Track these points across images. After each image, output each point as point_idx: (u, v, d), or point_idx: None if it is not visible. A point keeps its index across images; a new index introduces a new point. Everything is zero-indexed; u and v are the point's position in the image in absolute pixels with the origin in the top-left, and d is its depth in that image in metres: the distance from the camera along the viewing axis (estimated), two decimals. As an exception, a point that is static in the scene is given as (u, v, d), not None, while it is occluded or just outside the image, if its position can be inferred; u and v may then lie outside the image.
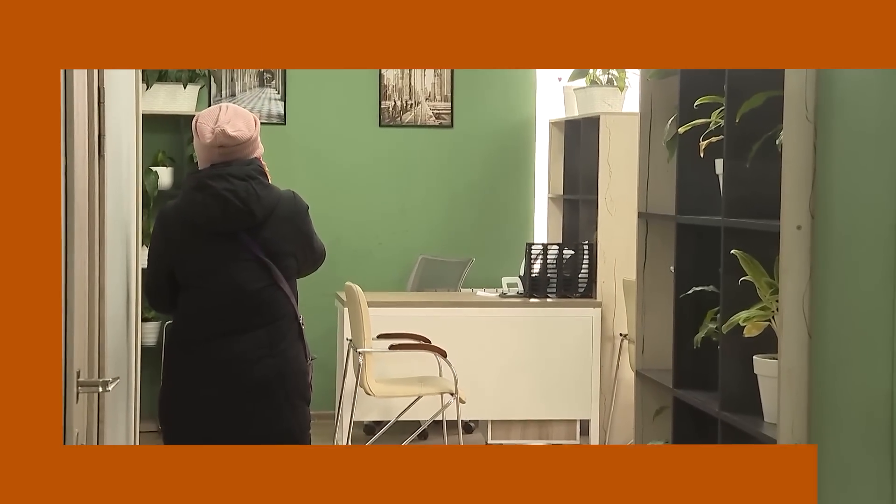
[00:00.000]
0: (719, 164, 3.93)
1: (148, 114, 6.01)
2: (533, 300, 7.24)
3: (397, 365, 6.80)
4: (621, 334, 7.13)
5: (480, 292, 7.57)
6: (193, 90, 7.58)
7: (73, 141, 2.62)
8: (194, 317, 4.02)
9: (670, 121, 4.34)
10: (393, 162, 8.04)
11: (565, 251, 7.30)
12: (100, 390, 2.81)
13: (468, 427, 7.51)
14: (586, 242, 7.33)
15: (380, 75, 7.95)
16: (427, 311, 7.08)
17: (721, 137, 3.89)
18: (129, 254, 4.21)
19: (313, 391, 4.16)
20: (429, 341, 6.64)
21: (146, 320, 6.88)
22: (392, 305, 7.06)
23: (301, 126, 7.93)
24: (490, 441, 7.25)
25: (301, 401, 4.07)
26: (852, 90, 3.10)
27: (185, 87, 7.51)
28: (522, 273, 7.39)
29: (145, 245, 4.25)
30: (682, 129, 4.18)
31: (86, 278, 2.89)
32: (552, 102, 8.05)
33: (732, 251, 3.69)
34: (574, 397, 7.17)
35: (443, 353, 6.54)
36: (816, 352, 3.29)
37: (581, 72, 7.44)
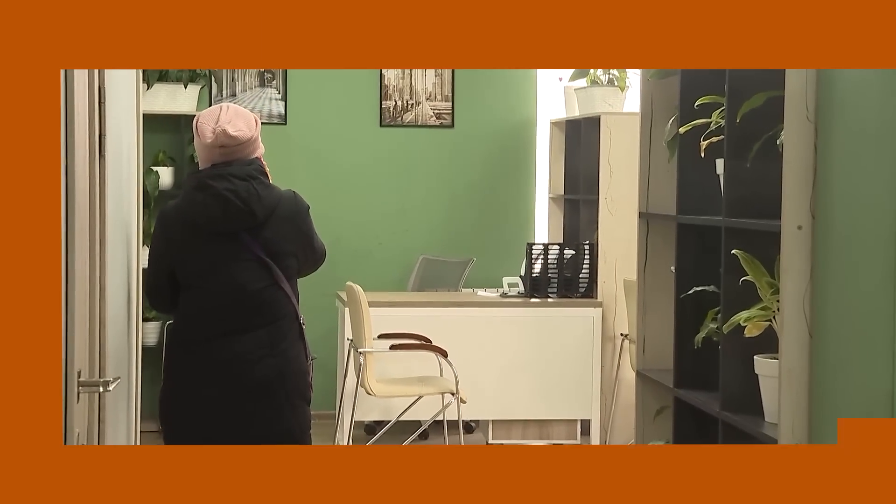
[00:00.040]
0: (720, 164, 3.94)
1: (148, 114, 6.02)
2: (534, 300, 7.24)
3: (398, 365, 6.80)
4: (622, 334, 7.12)
5: (481, 292, 7.57)
6: (194, 90, 7.58)
7: (73, 141, 2.62)
8: (195, 317, 4.02)
9: (671, 121, 4.34)
10: (393, 162, 8.04)
11: (566, 251, 7.30)
12: (100, 390, 2.81)
13: (469, 427, 7.51)
14: (587, 242, 7.33)
15: (380, 75, 7.95)
16: (428, 311, 7.08)
17: (722, 137, 3.89)
18: (129, 254, 4.21)
19: (313, 391, 4.16)
20: (429, 341, 6.64)
21: (147, 320, 6.88)
22: (393, 305, 7.06)
23: (302, 126, 7.92)
24: (491, 441, 7.25)
25: (301, 401, 4.07)
26: (853, 90, 3.10)
27: (185, 87, 7.50)
28: (523, 273, 7.39)
29: (146, 245, 4.25)
30: (682, 129, 4.18)
31: (86, 278, 2.89)
32: (553, 102, 8.04)
33: (733, 251, 3.69)
34: (575, 397, 7.17)
35: (443, 353, 6.53)
36: (817, 352, 3.29)
37: (582, 72, 7.43)
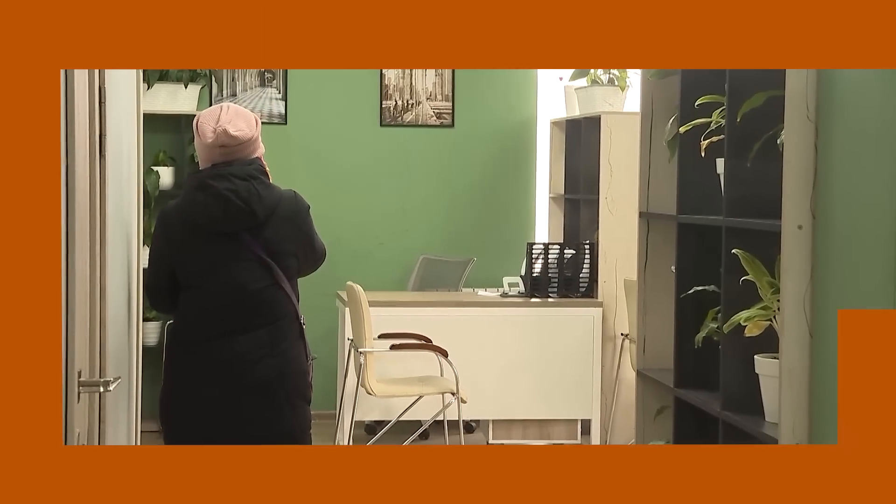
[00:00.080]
0: (720, 164, 3.93)
1: (149, 113, 6.02)
2: (534, 300, 7.24)
3: (398, 365, 6.80)
4: (622, 334, 7.12)
5: (481, 292, 7.56)
6: (194, 90, 7.58)
7: (74, 141, 2.62)
8: (195, 316, 4.02)
9: (671, 120, 4.34)
10: (394, 162, 8.04)
11: (566, 251, 7.30)
12: (101, 390, 2.81)
13: (469, 427, 7.51)
14: (587, 242, 7.33)
15: (381, 75, 7.95)
16: (428, 310, 7.08)
17: (722, 137, 3.89)
18: (130, 254, 4.21)
19: (314, 391, 4.17)
20: (430, 341, 6.64)
21: (147, 320, 6.88)
22: (393, 305, 7.06)
23: (302, 126, 7.92)
24: (491, 441, 7.24)
25: (302, 401, 4.07)
26: (853, 90, 3.10)
27: (185, 87, 7.50)
28: (524, 273, 7.39)
29: (146, 245, 4.25)
30: (683, 129, 4.18)
31: (87, 278, 2.89)
32: (553, 102, 8.04)
33: (733, 251, 3.69)
34: (575, 397, 7.17)
35: (444, 353, 6.53)
36: (817, 352, 3.29)
37: (582, 71, 7.43)
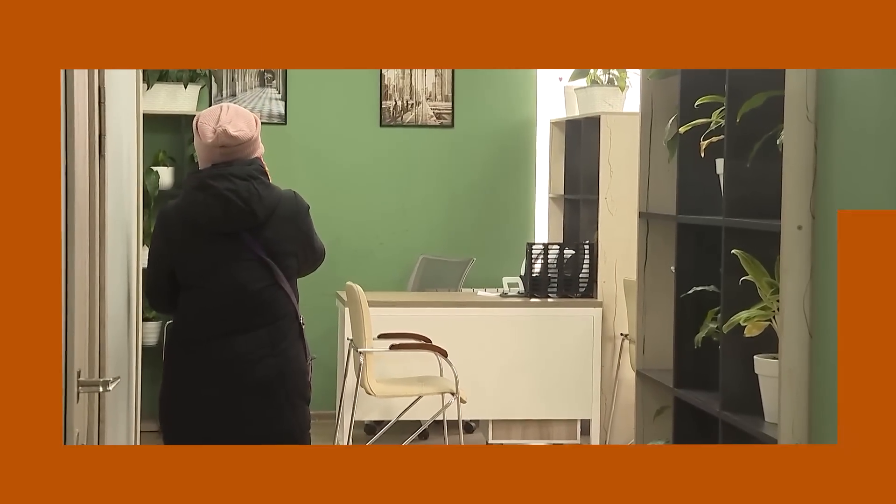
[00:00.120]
0: (720, 164, 3.93)
1: (149, 113, 6.02)
2: (534, 300, 7.24)
3: (398, 365, 6.80)
4: (622, 334, 7.12)
5: (481, 292, 7.56)
6: (194, 90, 7.58)
7: (73, 141, 2.62)
8: (195, 316, 4.02)
9: (671, 120, 4.34)
10: (393, 162, 8.03)
11: (566, 251, 7.30)
12: (100, 390, 2.81)
13: (469, 427, 7.50)
14: (587, 242, 7.33)
15: (380, 75, 7.95)
16: (428, 310, 7.08)
17: (722, 137, 3.89)
18: (129, 254, 4.21)
19: (313, 391, 4.17)
20: (429, 341, 6.64)
21: (147, 320, 6.88)
22: (393, 305, 7.06)
23: (302, 126, 7.92)
24: (491, 441, 7.24)
25: (301, 400, 4.07)
26: (853, 90, 3.10)
27: (185, 87, 7.50)
28: (523, 273, 7.39)
29: (146, 245, 4.25)
30: (682, 129, 4.18)
31: (86, 278, 2.89)
32: (553, 102, 8.04)
33: (733, 251, 3.69)
34: (575, 397, 7.17)
35: (443, 353, 6.53)
36: (817, 352, 3.29)
37: (582, 71, 7.43)
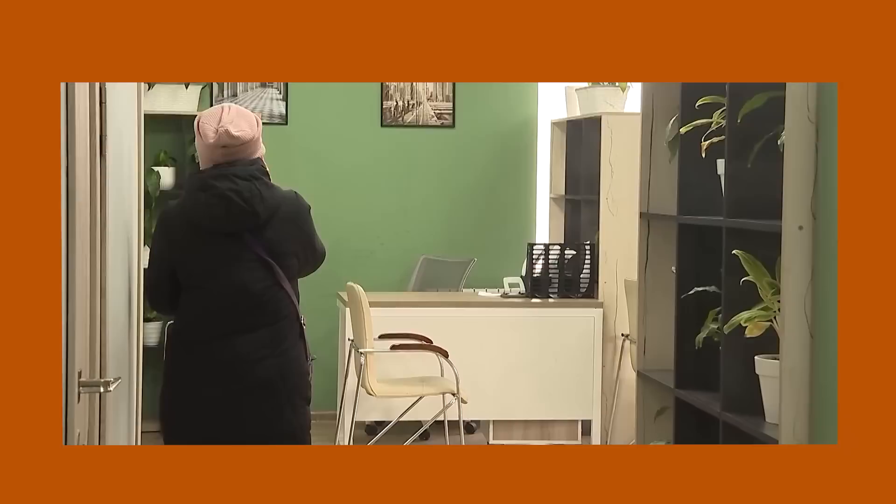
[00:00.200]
0: (721, 165, 3.93)
1: (150, 114, 6.01)
2: (535, 300, 7.24)
3: (399, 365, 6.80)
4: (623, 334, 7.12)
5: (482, 292, 7.56)
6: (195, 90, 7.58)
7: (74, 141, 2.62)
8: (196, 317, 4.02)
9: (672, 121, 4.34)
10: (394, 162, 8.04)
11: (567, 251, 7.30)
12: (101, 390, 2.81)
13: (470, 427, 7.50)
14: (588, 242, 7.33)
15: (381, 75, 7.94)
16: (429, 311, 7.08)
17: (722, 138, 3.89)
18: (130, 254, 4.21)
19: (313, 391, 4.17)
20: (430, 341, 6.64)
21: (148, 320, 6.88)
22: (393, 305, 7.06)
23: (303, 126, 7.92)
24: (492, 441, 7.24)
25: (302, 401, 4.07)
26: (854, 90, 3.09)
27: (186, 88, 7.50)
28: (524, 273, 7.39)
29: (147, 245, 4.25)
30: (683, 130, 4.18)
31: (87, 278, 2.89)
32: (554, 102, 8.04)
33: (734, 251, 3.69)
34: (575, 397, 7.17)
35: (444, 354, 6.53)
36: (818, 352, 3.29)
37: (583, 72, 7.41)
